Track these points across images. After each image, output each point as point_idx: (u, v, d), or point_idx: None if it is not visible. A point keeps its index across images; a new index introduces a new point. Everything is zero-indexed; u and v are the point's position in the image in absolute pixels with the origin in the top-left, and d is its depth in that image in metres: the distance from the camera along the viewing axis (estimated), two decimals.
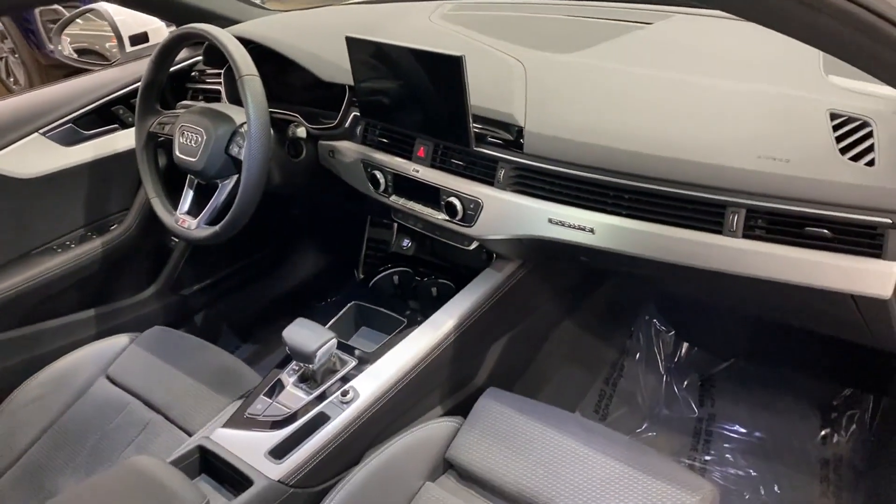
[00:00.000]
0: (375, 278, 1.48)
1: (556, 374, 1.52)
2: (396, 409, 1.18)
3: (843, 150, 0.87)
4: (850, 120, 0.89)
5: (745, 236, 0.93)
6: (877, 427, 1.43)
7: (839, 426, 1.43)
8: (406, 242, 1.57)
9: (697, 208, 0.96)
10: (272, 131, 1.31)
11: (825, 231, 0.87)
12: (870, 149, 0.86)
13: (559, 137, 1.09)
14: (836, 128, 0.89)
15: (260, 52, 1.40)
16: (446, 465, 1.14)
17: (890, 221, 0.83)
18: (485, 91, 1.16)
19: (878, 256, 0.84)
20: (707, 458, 1.47)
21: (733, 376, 1.60)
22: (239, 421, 1.12)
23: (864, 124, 0.88)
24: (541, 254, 1.31)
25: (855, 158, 0.86)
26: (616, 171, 1.03)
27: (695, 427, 1.54)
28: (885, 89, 0.91)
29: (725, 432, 1.52)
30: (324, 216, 2.10)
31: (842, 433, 1.42)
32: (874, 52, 0.57)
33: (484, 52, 1.25)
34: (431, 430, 1.16)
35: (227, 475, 1.04)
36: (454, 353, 1.27)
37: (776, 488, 1.39)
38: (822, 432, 1.45)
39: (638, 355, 1.65)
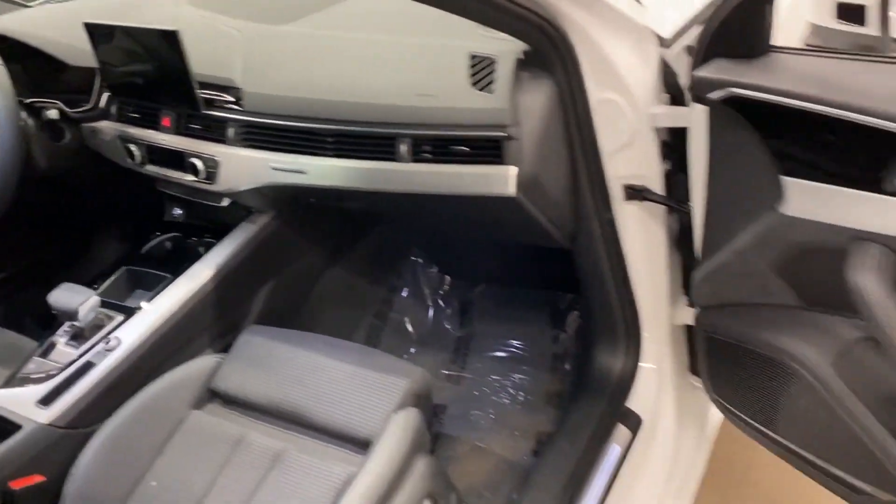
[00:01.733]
0: (147, 246, 1.60)
1: (326, 313, 1.71)
2: (163, 353, 1.32)
3: (475, 84, 1.10)
4: (482, 59, 1.12)
5: (414, 161, 1.15)
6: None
7: (564, 325, 1.72)
8: (176, 211, 1.69)
9: (377, 142, 1.17)
10: (29, 118, 1.40)
11: (466, 148, 1.10)
12: (492, 80, 1.10)
13: (272, 95, 1.28)
14: (472, 66, 1.12)
15: (14, 46, 1.48)
16: (211, 395, 1.29)
17: (504, 135, 1.07)
18: (207, 60, 1.32)
19: (500, 163, 1.08)
20: (463, 368, 1.72)
21: (487, 298, 1.85)
22: (12, 382, 1.22)
23: (491, 61, 1.11)
24: (287, 203, 1.48)
25: (481, 88, 1.10)
26: (319, 119, 1.23)
27: (455, 345, 1.79)
28: None
29: (481, 346, 1.77)
30: (121, 204, 2.16)
31: (567, 331, 1.71)
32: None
33: (208, 26, 1.41)
34: (196, 365, 1.30)
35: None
36: (216, 299, 1.42)
37: (520, 385, 1.66)
38: (554, 333, 1.73)
39: (405, 291, 1.87)
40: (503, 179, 1.08)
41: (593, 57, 1.02)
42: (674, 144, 1.11)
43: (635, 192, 1.14)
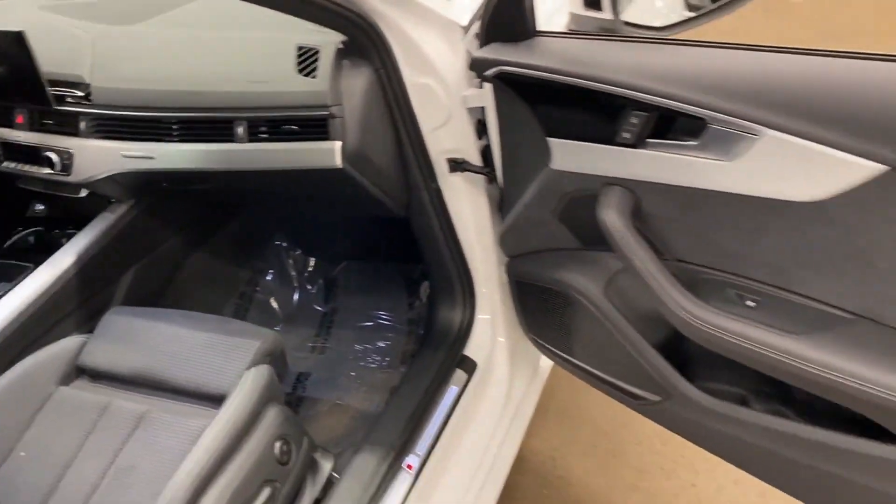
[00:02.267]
0: (9, 242, 1.65)
1: (191, 296, 1.81)
2: (26, 338, 1.39)
3: (301, 70, 1.25)
4: (307, 49, 1.27)
5: (251, 141, 1.28)
6: None
7: (419, 293, 1.89)
8: (38, 206, 1.75)
9: (217, 126, 1.30)
10: None
11: (296, 127, 1.25)
12: (316, 67, 1.25)
13: (120, 88, 1.39)
14: (298, 56, 1.27)
15: None
16: (78, 372, 1.37)
17: (328, 114, 1.22)
18: (57, 59, 1.41)
19: (326, 139, 1.23)
20: (327, 339, 1.86)
21: (349, 275, 2.00)
22: None
23: (315, 51, 1.26)
24: (143, 191, 1.58)
25: (307, 74, 1.25)
26: (164, 108, 1.34)
27: (320, 320, 1.92)
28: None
29: (345, 319, 1.91)
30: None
31: (421, 298, 1.88)
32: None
33: (57, 29, 1.49)
34: (61, 345, 1.38)
35: None
36: (79, 285, 1.50)
37: (380, 350, 1.82)
38: (410, 300, 1.90)
39: (271, 274, 1.99)
40: (330, 153, 1.23)
41: (406, 46, 1.19)
42: (486, 122, 1.30)
43: (457, 165, 1.31)
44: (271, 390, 1.25)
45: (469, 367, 1.48)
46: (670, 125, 0.96)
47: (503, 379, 1.55)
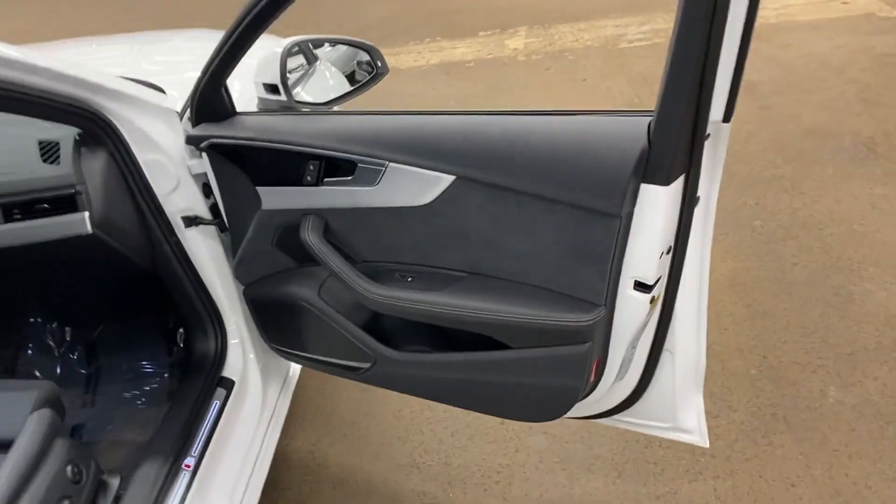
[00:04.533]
0: None
1: None
2: None
3: (45, 160, 1.53)
4: (48, 143, 1.55)
5: (7, 221, 1.52)
6: None
7: (175, 340, 2.17)
8: None
9: None
10: None
11: (47, 205, 1.51)
12: (58, 155, 1.53)
13: None
14: (41, 148, 1.54)
15: None
16: None
17: (74, 191, 1.51)
18: None
19: (76, 211, 1.52)
20: (94, 395, 2.06)
21: (108, 335, 2.21)
22: None
23: (56, 143, 1.54)
24: None
25: (51, 162, 1.53)
26: None
27: (86, 382, 2.11)
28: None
29: (110, 375, 2.12)
30: None
31: (179, 344, 2.16)
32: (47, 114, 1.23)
33: None
34: None
35: None
36: None
37: (148, 393, 2.05)
38: (168, 347, 2.16)
39: (30, 348, 2.14)
40: (81, 222, 1.51)
41: (134, 132, 1.52)
42: (210, 184, 1.66)
43: (191, 221, 1.66)
44: (55, 428, 1.47)
45: (227, 384, 1.80)
46: (337, 168, 1.42)
47: (257, 389, 1.89)
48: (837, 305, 2.48)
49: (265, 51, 1.61)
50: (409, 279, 1.45)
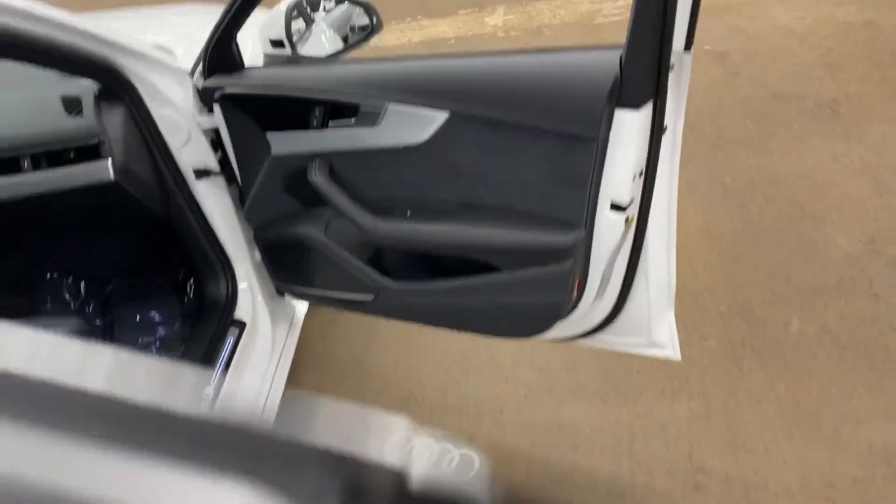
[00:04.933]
0: None
1: None
2: None
3: (69, 112, 1.66)
4: (71, 97, 1.67)
5: (35, 170, 1.65)
6: None
7: (186, 291, 2.31)
8: None
9: (2, 163, 1.64)
10: None
11: (72, 154, 1.65)
12: (81, 109, 1.66)
13: None
14: (65, 102, 1.67)
15: None
16: None
17: (97, 140, 1.64)
18: None
19: (100, 159, 1.65)
20: (110, 343, 2.19)
21: (121, 289, 2.34)
22: None
23: (78, 98, 1.67)
24: None
25: (75, 115, 1.66)
26: None
27: (101, 332, 2.25)
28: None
29: (124, 326, 2.25)
30: None
31: (189, 294, 2.30)
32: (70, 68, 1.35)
33: None
34: None
35: None
36: None
37: (162, 338, 2.19)
38: (179, 297, 2.30)
39: (49, 303, 2.27)
40: (105, 168, 1.65)
41: (148, 87, 1.65)
42: (219, 140, 1.80)
43: (202, 173, 1.79)
44: None
45: (239, 325, 1.95)
46: (340, 112, 1.56)
47: (267, 329, 2.04)
48: (802, 250, 2.67)
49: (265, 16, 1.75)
50: (409, 213, 1.61)
